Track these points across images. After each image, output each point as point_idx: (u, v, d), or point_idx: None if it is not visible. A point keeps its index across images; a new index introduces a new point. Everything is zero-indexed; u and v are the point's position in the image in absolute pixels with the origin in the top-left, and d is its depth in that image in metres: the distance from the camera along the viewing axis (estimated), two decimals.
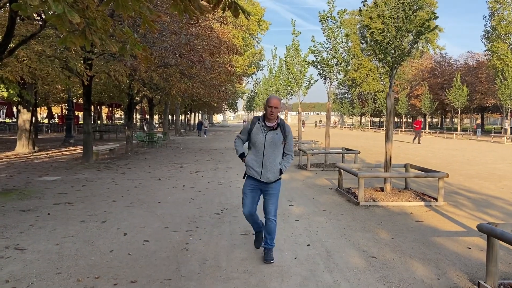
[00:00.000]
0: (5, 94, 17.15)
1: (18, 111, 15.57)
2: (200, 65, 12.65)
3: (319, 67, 11.97)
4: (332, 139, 21.36)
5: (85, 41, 3.07)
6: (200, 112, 48.38)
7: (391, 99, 7.44)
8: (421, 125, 24.47)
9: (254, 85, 56.94)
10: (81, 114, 33.03)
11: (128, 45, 3.51)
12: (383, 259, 4.16)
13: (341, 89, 66.43)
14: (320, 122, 71.22)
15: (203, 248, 4.44)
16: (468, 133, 34.62)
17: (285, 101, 20.46)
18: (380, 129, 47.77)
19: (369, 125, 61.16)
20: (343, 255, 4.27)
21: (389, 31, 7.15)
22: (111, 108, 38.51)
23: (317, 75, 12.34)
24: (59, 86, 15.72)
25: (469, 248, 4.58)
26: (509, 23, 30.15)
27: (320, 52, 11.90)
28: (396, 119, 53.98)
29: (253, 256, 4.21)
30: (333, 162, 12.28)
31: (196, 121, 47.73)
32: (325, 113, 13.03)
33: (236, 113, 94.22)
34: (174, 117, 46.82)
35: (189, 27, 11.09)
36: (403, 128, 47.56)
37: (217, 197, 7.27)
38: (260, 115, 4.14)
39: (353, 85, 58.02)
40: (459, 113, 37.16)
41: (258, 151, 3.97)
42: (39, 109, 36.19)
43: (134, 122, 25.76)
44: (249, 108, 73.03)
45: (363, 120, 68.77)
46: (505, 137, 26.03)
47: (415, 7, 7.03)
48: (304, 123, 44.75)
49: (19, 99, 14.59)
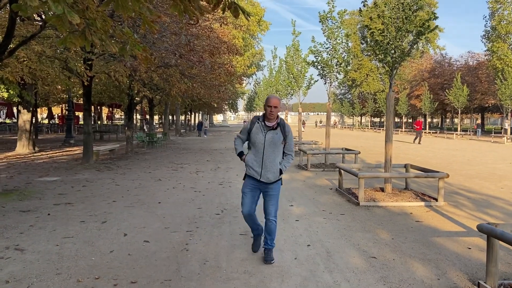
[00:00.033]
0: (5, 94, 17.18)
1: (18, 112, 15.57)
2: (200, 66, 12.66)
3: (319, 67, 11.97)
4: (332, 139, 21.37)
5: (85, 42, 3.07)
6: (200, 112, 48.38)
7: (391, 99, 7.45)
8: (421, 126, 24.45)
9: (254, 85, 57.00)
10: (81, 114, 33.04)
11: (128, 45, 3.52)
12: (383, 260, 4.16)
13: (341, 89, 66.46)
14: (320, 122, 71.24)
15: (203, 248, 4.45)
16: (468, 133, 34.61)
17: (285, 102, 20.46)
18: (380, 129, 47.78)
19: (369, 125, 61.14)
20: (343, 256, 4.27)
21: (389, 31, 7.16)
22: (111, 108, 38.50)
23: (317, 75, 12.35)
24: (59, 86, 15.73)
25: (469, 248, 4.58)
26: (509, 23, 30.14)
27: (320, 52, 11.91)
28: (396, 119, 53.99)
29: (253, 256, 4.21)
30: (333, 162, 12.28)
31: (196, 122, 47.74)
32: (326, 113, 13.02)
33: (236, 114, 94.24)
34: (174, 118, 46.84)
35: (189, 28, 11.09)
36: (403, 128, 47.57)
37: (217, 198, 7.27)
38: (260, 115, 4.13)
39: (353, 85, 58.05)
40: (459, 113, 37.18)
41: (258, 150, 3.95)
42: (39, 110, 36.25)
43: (134, 122, 25.76)
44: (249, 108, 73.04)
45: (363, 120, 68.78)
46: (505, 137, 26.02)
47: (415, 7, 7.03)
48: (304, 123, 44.75)
49: (19, 100, 14.60)
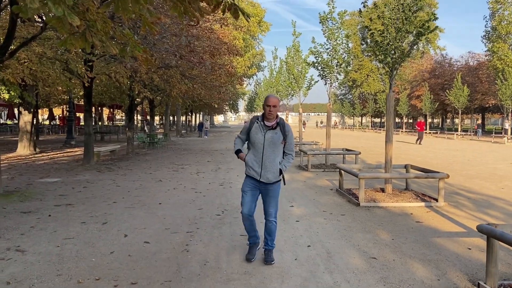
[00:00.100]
0: (6, 96, 17.17)
1: (19, 113, 15.58)
2: (200, 67, 12.69)
3: (320, 68, 11.97)
4: (332, 140, 21.37)
5: (85, 43, 3.08)
6: (201, 113, 48.41)
7: (391, 100, 7.45)
8: (423, 127, 24.41)
9: (254, 86, 57.02)
10: (82, 115, 33.08)
11: (128, 47, 3.53)
12: (383, 260, 4.16)
13: (341, 90, 66.43)
14: (321, 123, 71.26)
15: (204, 249, 4.45)
16: (468, 133, 34.59)
17: (285, 102, 20.47)
18: (381, 130, 47.75)
19: (370, 126, 61.12)
20: (344, 256, 4.27)
21: (389, 32, 7.16)
22: (112, 109, 38.51)
23: (318, 76, 12.34)
24: (60, 87, 15.74)
25: (469, 248, 4.58)
26: (510, 23, 30.14)
27: (320, 53, 11.91)
28: (397, 120, 53.95)
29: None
30: (334, 162, 12.28)
31: (197, 122, 47.78)
32: (326, 114, 13.03)
33: (237, 114, 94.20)
34: (175, 118, 46.88)
35: (189, 29, 11.11)
36: (403, 128, 47.52)
37: (218, 198, 7.27)
38: (259, 115, 4.12)
39: (354, 85, 58.04)
40: (460, 113, 37.15)
41: (257, 150, 3.94)
42: (40, 111, 36.31)
43: (135, 123, 25.77)
44: (250, 109, 73.08)
45: (364, 120, 68.74)
46: (505, 138, 25.99)
47: (415, 8, 7.04)
48: (305, 124, 44.74)
49: (20, 101, 14.62)
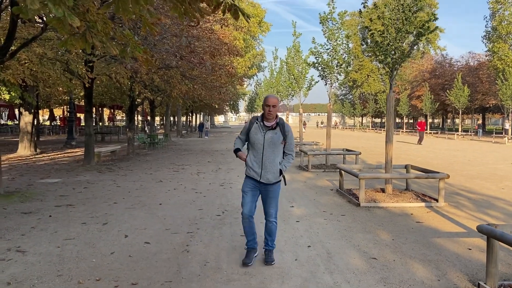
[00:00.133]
0: (7, 96, 17.18)
1: (20, 114, 15.59)
2: (201, 67, 12.70)
3: (320, 68, 11.98)
4: (333, 140, 21.35)
5: (85, 44, 3.09)
6: (201, 113, 48.47)
7: (391, 100, 7.45)
8: (424, 127, 24.39)
9: (255, 86, 57.09)
10: (82, 116, 33.09)
11: (128, 47, 3.53)
12: (383, 260, 4.17)
13: (342, 90, 66.43)
14: (322, 123, 71.29)
15: (204, 250, 4.45)
16: (469, 133, 34.54)
17: (286, 102, 20.48)
18: (381, 130, 47.71)
19: (370, 126, 61.11)
20: (344, 257, 4.27)
21: (389, 32, 7.16)
22: (112, 110, 38.57)
23: (318, 76, 12.35)
24: (61, 88, 15.79)
25: (470, 249, 4.58)
26: (510, 23, 30.14)
27: (320, 53, 11.92)
28: (397, 120, 53.94)
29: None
30: (334, 163, 12.28)
31: (197, 123, 47.81)
32: (327, 114, 13.03)
33: (237, 115, 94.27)
34: (175, 119, 46.90)
35: (189, 29, 11.12)
36: (404, 128, 47.51)
37: (218, 199, 7.28)
38: (258, 115, 4.10)
39: (354, 86, 58.04)
40: (460, 113, 37.15)
41: (257, 151, 3.93)
42: (40, 111, 36.32)
43: (135, 123, 25.78)
44: (250, 109, 73.14)
45: (364, 121, 68.75)
46: (506, 138, 25.97)
47: (415, 8, 7.04)
48: (305, 124, 44.77)
49: (21, 102, 14.64)
